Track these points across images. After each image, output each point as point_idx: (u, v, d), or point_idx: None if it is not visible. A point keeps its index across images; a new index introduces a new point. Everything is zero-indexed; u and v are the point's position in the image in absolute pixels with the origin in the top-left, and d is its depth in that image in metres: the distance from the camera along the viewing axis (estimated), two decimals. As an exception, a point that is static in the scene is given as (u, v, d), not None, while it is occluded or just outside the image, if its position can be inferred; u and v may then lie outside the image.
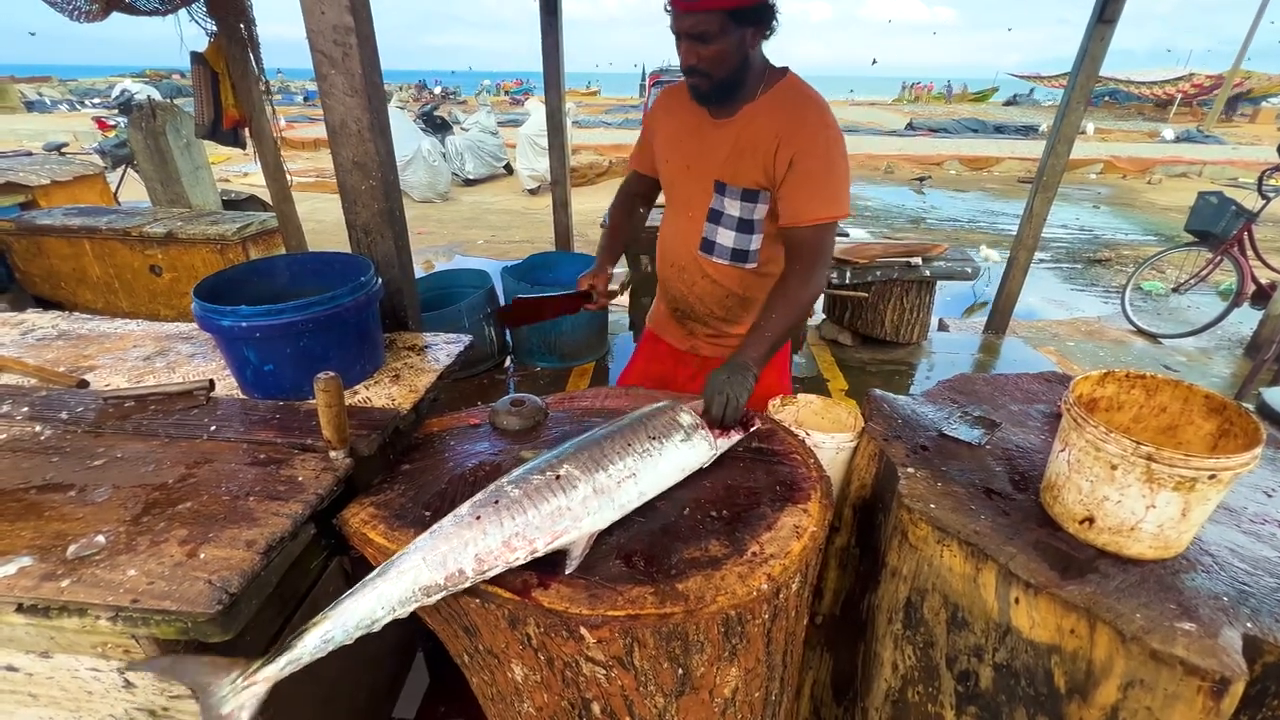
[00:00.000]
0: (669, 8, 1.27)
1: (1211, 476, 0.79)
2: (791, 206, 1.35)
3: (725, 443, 1.11)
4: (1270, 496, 1.03)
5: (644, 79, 22.51)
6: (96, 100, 20.37)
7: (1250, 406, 0.91)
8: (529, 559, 0.87)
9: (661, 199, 1.70)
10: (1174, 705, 0.74)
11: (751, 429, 1.16)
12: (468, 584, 0.84)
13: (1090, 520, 0.90)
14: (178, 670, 0.81)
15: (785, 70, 1.39)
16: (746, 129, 1.37)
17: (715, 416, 1.11)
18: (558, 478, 0.92)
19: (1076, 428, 0.89)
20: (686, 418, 1.08)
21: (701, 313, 1.64)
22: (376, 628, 0.83)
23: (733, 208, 1.46)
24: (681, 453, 1.03)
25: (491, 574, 0.85)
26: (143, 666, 0.84)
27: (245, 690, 0.78)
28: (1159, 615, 0.78)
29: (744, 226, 1.48)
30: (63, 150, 6.58)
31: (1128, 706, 0.79)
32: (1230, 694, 0.71)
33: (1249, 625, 0.77)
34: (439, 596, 0.84)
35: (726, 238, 1.50)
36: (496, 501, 0.89)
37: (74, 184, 4.20)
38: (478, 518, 0.87)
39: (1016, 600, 0.87)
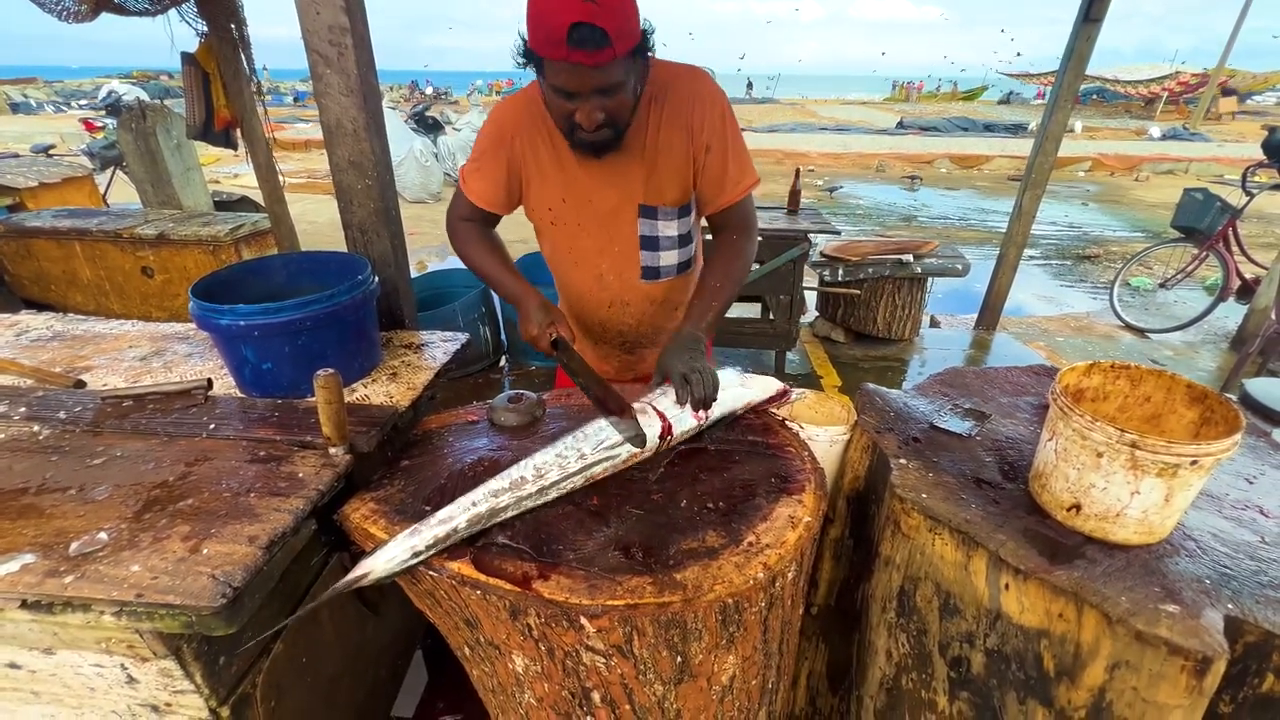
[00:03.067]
0: (563, 67, 1.03)
1: (1193, 462, 0.82)
2: (719, 187, 1.30)
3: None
4: (1251, 483, 1.06)
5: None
6: (83, 102, 20.16)
7: (1234, 397, 0.93)
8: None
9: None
10: (1158, 685, 0.77)
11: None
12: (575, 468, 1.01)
13: (1077, 507, 0.92)
14: None
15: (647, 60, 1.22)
16: (652, 143, 1.26)
17: (697, 396, 1.08)
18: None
19: (1063, 417, 0.91)
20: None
21: (656, 336, 1.54)
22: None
23: (669, 228, 1.36)
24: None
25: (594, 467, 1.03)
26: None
27: None
28: (1144, 598, 0.80)
29: (683, 241, 1.40)
30: (50, 152, 6.52)
31: (1114, 687, 0.81)
32: (1212, 673, 0.74)
33: (1230, 607, 0.79)
34: (553, 474, 1.00)
35: (670, 258, 1.41)
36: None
37: (62, 186, 4.18)
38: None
39: (1006, 586, 0.89)
